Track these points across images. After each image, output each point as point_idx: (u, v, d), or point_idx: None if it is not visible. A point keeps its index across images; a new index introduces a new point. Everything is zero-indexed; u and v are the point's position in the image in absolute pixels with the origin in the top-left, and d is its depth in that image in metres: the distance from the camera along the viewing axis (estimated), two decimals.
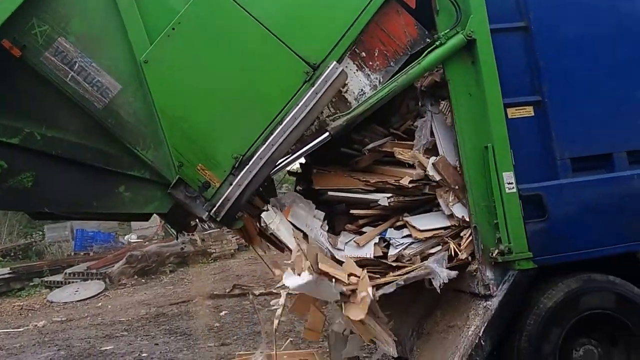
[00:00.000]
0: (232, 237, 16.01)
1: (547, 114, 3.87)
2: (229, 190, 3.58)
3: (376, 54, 3.96)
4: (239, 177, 3.58)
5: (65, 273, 14.20)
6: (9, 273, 14.54)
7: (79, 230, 17.47)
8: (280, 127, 3.62)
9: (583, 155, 3.89)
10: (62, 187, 3.63)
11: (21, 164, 3.50)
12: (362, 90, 3.92)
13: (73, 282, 13.70)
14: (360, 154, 4.26)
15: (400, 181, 4.00)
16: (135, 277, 13.86)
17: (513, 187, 3.73)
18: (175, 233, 5.19)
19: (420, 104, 4.23)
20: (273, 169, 3.69)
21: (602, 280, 3.80)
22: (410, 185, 3.99)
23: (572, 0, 4.04)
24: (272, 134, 3.62)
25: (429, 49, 3.88)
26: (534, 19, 3.94)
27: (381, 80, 3.93)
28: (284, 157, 3.71)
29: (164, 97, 3.58)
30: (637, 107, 4.03)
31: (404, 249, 3.93)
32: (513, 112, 3.85)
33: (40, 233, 20.49)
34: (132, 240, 17.62)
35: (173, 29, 3.62)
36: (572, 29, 4.00)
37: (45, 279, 14.37)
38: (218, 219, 3.60)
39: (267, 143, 3.61)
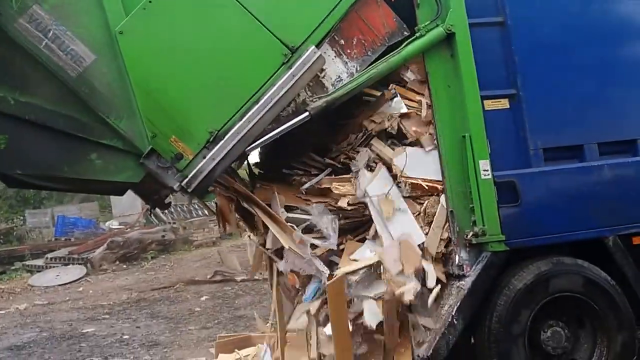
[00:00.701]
0: (214, 226, 16.08)
1: (521, 106, 4.01)
2: (202, 163, 3.62)
3: (354, 43, 4.01)
4: (213, 151, 3.62)
5: (47, 257, 14.13)
6: None
7: (59, 216, 17.34)
8: (257, 106, 3.67)
9: (555, 146, 4.05)
10: (34, 151, 3.64)
11: None
12: (339, 76, 3.98)
13: (54, 266, 13.63)
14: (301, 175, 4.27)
15: (339, 203, 4.03)
16: (117, 262, 13.85)
17: (488, 174, 3.88)
18: (151, 211, 5.23)
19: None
20: (248, 146, 3.72)
21: (571, 263, 3.97)
22: (349, 208, 4.02)
23: None
24: (248, 112, 3.67)
25: (409, 40, 3.98)
26: (510, 14, 4.06)
27: (358, 69, 4.00)
28: (259, 135, 3.74)
29: (138, 69, 3.59)
30: (608, 101, 4.20)
31: None
32: (489, 104, 3.99)
33: (21, 218, 20.31)
34: (113, 227, 17.50)
35: (150, 1, 3.60)
36: (547, 25, 4.15)
37: (27, 263, 14.31)
38: (189, 190, 3.62)
39: (243, 120, 3.65)
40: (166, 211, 17.43)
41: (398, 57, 3.96)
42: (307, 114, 3.82)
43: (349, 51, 4.01)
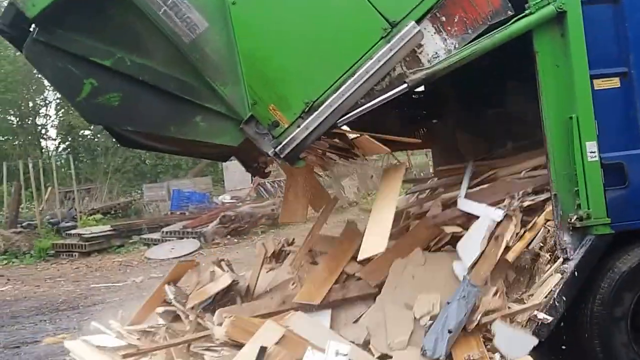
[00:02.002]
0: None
1: (632, 85, 4.13)
2: (296, 132, 3.89)
3: (456, 20, 4.12)
4: (307, 120, 3.90)
5: (162, 231, 15.26)
6: (109, 230, 15.73)
7: (175, 190, 18.53)
8: (352, 78, 3.91)
9: None
10: (145, 110, 4.01)
11: (110, 84, 3.90)
12: (436, 53, 4.12)
13: (169, 240, 14.73)
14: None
15: None
16: (228, 237, 14.72)
17: (595, 156, 4.04)
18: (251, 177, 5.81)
19: None
20: (340, 118, 3.97)
21: None
22: None
23: None
24: (343, 84, 3.91)
25: (518, 17, 4.10)
26: None
27: (456, 46, 4.13)
28: (352, 107, 4.02)
29: (246, 38, 3.89)
30: None
31: None
32: (599, 84, 4.13)
33: (139, 192, 22.06)
34: (225, 201, 18.47)
35: None
36: None
37: (144, 236, 15.47)
38: (282, 156, 3.92)
39: (337, 92, 3.90)
40: (276, 185, 18.39)
41: (504, 33, 4.07)
42: (405, 85, 4.04)
43: (449, 28, 4.11)
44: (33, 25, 3.88)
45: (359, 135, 4.45)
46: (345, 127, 4.31)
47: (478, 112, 6.32)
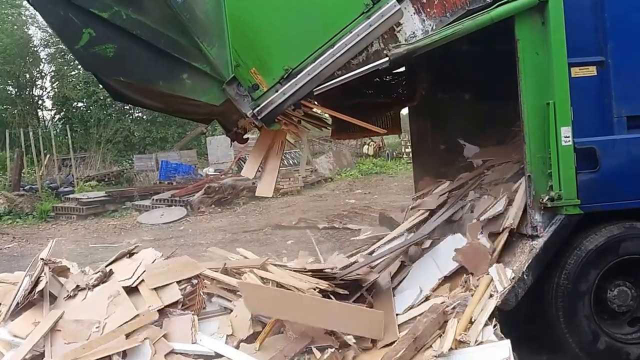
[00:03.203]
0: (299, 176, 16.64)
1: (609, 73, 3.98)
2: (274, 96, 3.87)
3: (435, 2, 4.02)
4: (285, 86, 3.86)
5: (153, 199, 15.07)
6: (104, 196, 15.59)
7: (163, 162, 18.32)
8: (331, 50, 3.85)
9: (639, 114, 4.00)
10: (136, 63, 3.96)
11: (107, 35, 3.83)
12: (414, 33, 4.00)
13: (159, 207, 14.56)
14: None
15: None
16: (213, 206, 14.61)
17: (569, 141, 3.91)
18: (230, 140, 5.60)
19: None
20: (316, 86, 3.90)
21: None
22: None
23: None
24: (322, 55, 3.85)
25: (501, 2, 3.95)
26: None
27: (434, 28, 4.00)
28: (328, 77, 3.91)
29: (234, 2, 3.85)
30: None
31: None
32: (576, 71, 3.98)
33: (130, 162, 21.77)
34: (209, 173, 18.37)
35: None
36: None
37: (135, 203, 15.30)
38: (259, 117, 3.90)
39: (316, 62, 3.85)
40: None
41: (486, 16, 3.92)
42: (386, 59, 3.93)
43: (428, 10, 4.01)
44: None
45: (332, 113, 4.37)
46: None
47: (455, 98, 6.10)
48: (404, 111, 6.70)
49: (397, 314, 4.13)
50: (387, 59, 3.92)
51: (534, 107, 3.99)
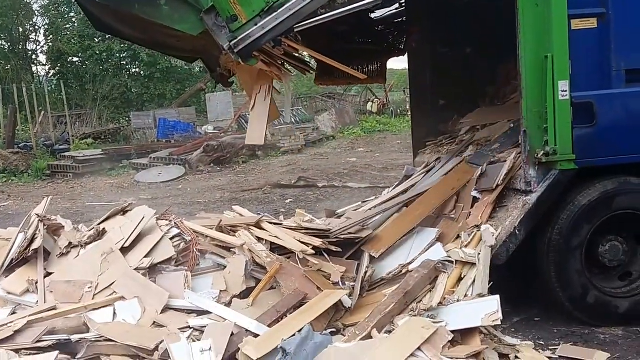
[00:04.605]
0: (300, 134, 16.65)
1: (609, 26, 3.96)
2: (252, 29, 3.81)
3: None
4: (265, 20, 3.80)
5: (150, 157, 15.09)
6: (101, 154, 15.64)
7: (161, 119, 18.22)
8: None
9: (639, 68, 4.00)
10: None
11: None
12: None
13: (157, 165, 14.61)
14: None
15: None
16: (212, 165, 14.64)
17: (566, 95, 3.92)
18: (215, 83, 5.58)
19: None
20: (297, 23, 3.86)
21: (637, 183, 4.04)
22: None
23: None
24: None
25: None
26: None
27: None
28: (310, 15, 3.88)
29: None
30: None
31: None
32: (577, 24, 3.97)
33: (127, 119, 21.71)
34: (208, 131, 18.30)
35: None
36: None
37: (133, 161, 15.34)
38: (235, 50, 3.84)
39: None
40: None
41: None
42: None
43: None
44: None
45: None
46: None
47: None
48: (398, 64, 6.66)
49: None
50: None
51: (532, 61, 3.99)
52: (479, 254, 3.87)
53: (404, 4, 5.91)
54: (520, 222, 3.97)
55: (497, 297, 3.58)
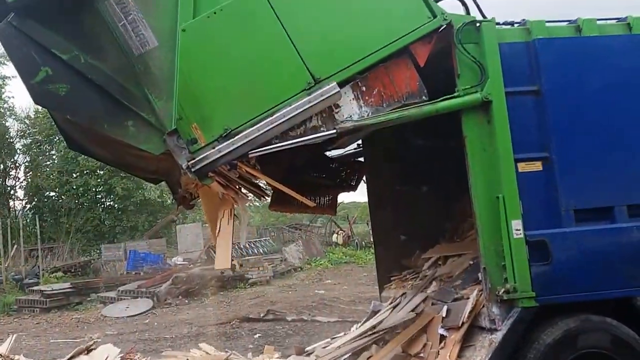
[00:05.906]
0: (269, 265, 16.34)
1: (554, 168, 4.08)
2: (210, 152, 3.92)
3: (374, 92, 4.14)
4: (222, 144, 3.92)
5: (118, 290, 14.61)
6: (69, 287, 15.09)
7: (131, 251, 17.97)
8: (270, 118, 3.94)
9: (586, 208, 4.07)
10: (86, 104, 4.02)
11: (62, 76, 3.91)
12: (350, 116, 4.11)
13: (125, 299, 14.09)
14: None
15: None
16: (180, 297, 14.18)
17: (520, 234, 3.93)
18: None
19: None
20: (251, 149, 3.96)
21: (599, 321, 3.93)
22: None
23: (580, 67, 4.24)
24: (261, 122, 3.94)
25: (447, 97, 4.10)
26: (545, 83, 4.15)
27: (369, 115, 4.14)
28: (264, 143, 3.98)
29: (187, 61, 3.95)
30: (638, 165, 4.20)
31: None
32: (523, 167, 4.08)
33: (98, 252, 21.18)
34: (178, 263, 17.97)
35: (214, 12, 4.02)
36: (578, 94, 4.22)
37: (101, 294, 14.82)
38: (193, 170, 3.92)
39: (254, 127, 3.93)
40: None
41: (432, 107, 4.09)
42: (334, 131, 4.04)
43: (367, 98, 4.14)
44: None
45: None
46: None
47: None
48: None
49: None
50: (334, 131, 4.03)
51: (485, 201, 4.05)
52: None
53: (361, 145, 6.10)
54: None
55: None
